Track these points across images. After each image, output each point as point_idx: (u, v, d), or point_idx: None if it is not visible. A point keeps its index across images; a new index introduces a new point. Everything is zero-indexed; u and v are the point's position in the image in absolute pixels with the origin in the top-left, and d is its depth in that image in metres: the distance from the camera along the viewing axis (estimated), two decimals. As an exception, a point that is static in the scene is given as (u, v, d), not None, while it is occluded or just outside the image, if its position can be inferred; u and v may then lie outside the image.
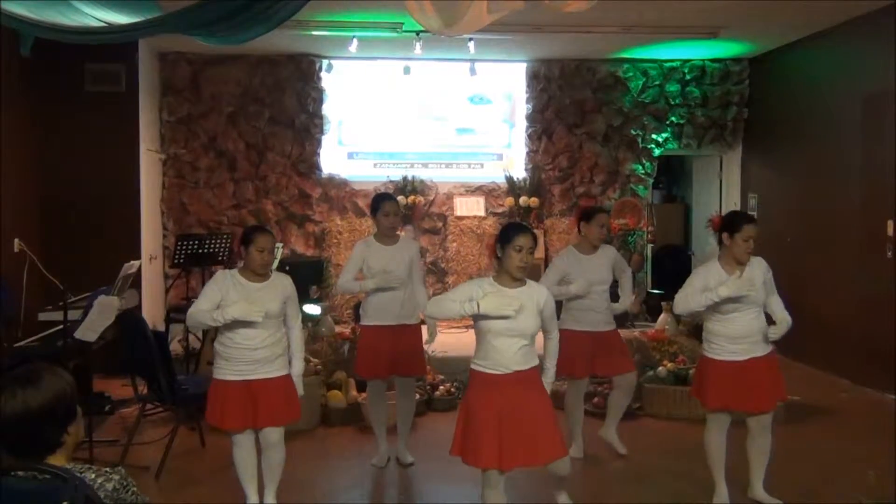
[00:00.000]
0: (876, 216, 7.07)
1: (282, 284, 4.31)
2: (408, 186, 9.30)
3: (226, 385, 4.20)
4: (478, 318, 3.65)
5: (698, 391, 4.58)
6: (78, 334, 4.81)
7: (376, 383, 5.26)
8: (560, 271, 5.12)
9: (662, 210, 10.72)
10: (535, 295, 3.71)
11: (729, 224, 4.35)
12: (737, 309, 4.27)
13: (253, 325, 4.10)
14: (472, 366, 3.75)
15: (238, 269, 4.25)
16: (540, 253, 9.32)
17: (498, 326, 3.61)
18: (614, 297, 5.44)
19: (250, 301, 4.07)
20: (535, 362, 3.75)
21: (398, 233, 5.22)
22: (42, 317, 5.75)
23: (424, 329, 5.21)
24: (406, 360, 5.09)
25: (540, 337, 3.81)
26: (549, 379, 3.88)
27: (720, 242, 4.43)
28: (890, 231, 6.89)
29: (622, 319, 8.37)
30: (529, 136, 9.64)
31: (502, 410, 3.61)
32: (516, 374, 3.65)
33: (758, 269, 4.36)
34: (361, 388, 6.39)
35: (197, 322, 4.20)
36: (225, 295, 4.13)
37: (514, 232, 3.70)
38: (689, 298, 4.31)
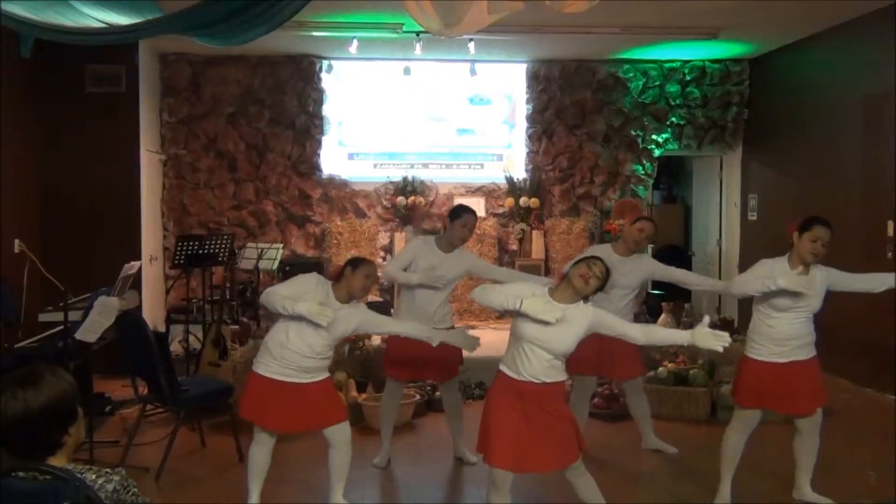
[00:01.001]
0: (876, 217, 7.07)
1: (358, 313, 4.29)
2: (408, 187, 9.30)
3: (267, 382, 4.18)
4: (518, 316, 3.65)
5: (735, 389, 4.56)
6: (78, 335, 4.81)
7: (397, 385, 5.24)
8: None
9: (662, 210, 10.72)
10: (583, 315, 3.68)
11: (802, 224, 4.38)
12: (790, 308, 4.26)
13: (318, 332, 4.10)
14: (500, 366, 3.77)
15: (332, 285, 4.25)
16: (540, 254, 9.34)
17: (532, 333, 3.60)
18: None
19: (331, 306, 4.09)
20: (561, 378, 3.74)
21: (461, 248, 5.15)
22: (42, 318, 5.75)
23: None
24: (438, 364, 4.99)
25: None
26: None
27: (791, 245, 4.43)
28: (890, 231, 6.89)
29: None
30: (529, 137, 9.64)
31: (523, 414, 3.64)
32: (542, 385, 3.66)
33: (821, 275, 4.33)
34: (361, 388, 6.39)
35: (269, 303, 4.14)
36: (307, 294, 4.13)
37: (588, 260, 3.72)
38: (746, 282, 4.32)
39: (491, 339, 4.37)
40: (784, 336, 4.30)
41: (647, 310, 9.15)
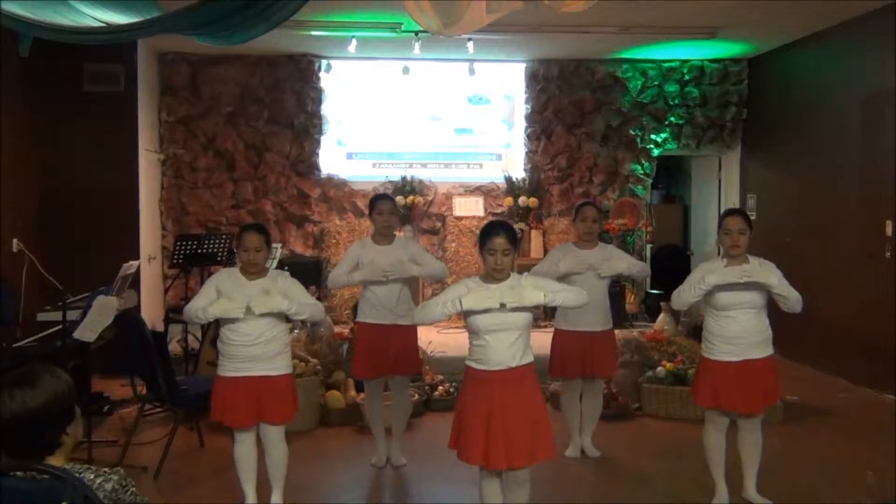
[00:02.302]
0: (875, 216, 7.07)
1: (276, 282, 4.32)
2: (407, 187, 9.30)
3: (226, 381, 4.26)
4: (466, 316, 3.68)
5: (693, 389, 4.62)
6: (77, 334, 4.81)
7: (373, 383, 5.27)
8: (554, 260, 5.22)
9: (661, 210, 10.73)
10: (520, 285, 3.70)
11: (718, 222, 4.42)
12: (733, 306, 4.26)
13: (245, 321, 4.16)
14: (466, 362, 3.79)
15: (239, 267, 4.33)
16: (539, 253, 9.33)
17: (486, 322, 3.62)
18: (612, 297, 5.44)
19: (242, 294, 4.17)
20: (530, 359, 3.75)
21: (396, 233, 5.21)
22: (41, 317, 5.75)
23: (420, 329, 5.22)
24: (401, 359, 5.09)
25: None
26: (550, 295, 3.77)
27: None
28: (889, 231, 6.89)
29: (621, 319, 8.41)
30: (528, 137, 9.64)
31: (491, 410, 3.63)
32: (509, 371, 3.65)
33: (762, 269, 4.26)
34: (360, 388, 6.38)
35: (188, 317, 4.32)
36: (220, 288, 4.25)
37: (487, 235, 3.69)
38: (682, 292, 4.34)
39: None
40: (734, 334, 4.29)
41: (646, 309, 9.16)
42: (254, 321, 4.18)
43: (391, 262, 4.96)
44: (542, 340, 5.10)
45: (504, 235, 3.65)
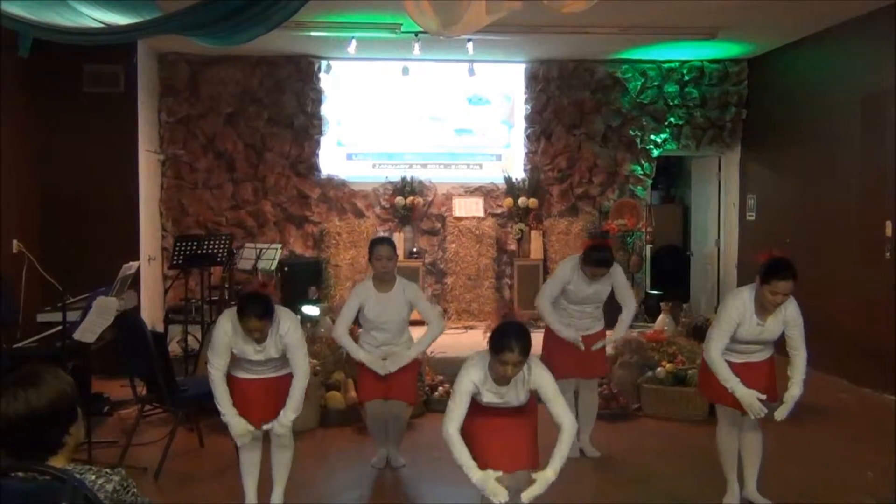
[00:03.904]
0: (874, 216, 7.07)
1: (286, 336, 4.28)
2: (406, 187, 9.30)
3: (239, 382, 4.31)
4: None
5: (700, 387, 4.69)
6: (77, 335, 4.81)
7: (373, 404, 5.23)
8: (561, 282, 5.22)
9: (661, 211, 10.73)
10: (524, 388, 3.71)
11: (764, 271, 4.18)
12: (747, 345, 4.33)
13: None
14: None
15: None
16: (538, 254, 9.34)
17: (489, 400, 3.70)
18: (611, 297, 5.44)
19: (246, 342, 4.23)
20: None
21: (400, 281, 5.16)
22: (41, 318, 5.75)
23: (415, 330, 5.21)
24: (398, 387, 5.05)
25: None
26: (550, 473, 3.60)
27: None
28: (888, 231, 6.89)
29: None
30: (528, 137, 9.64)
31: (483, 418, 3.71)
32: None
33: (783, 311, 4.24)
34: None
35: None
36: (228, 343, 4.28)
37: (500, 346, 3.49)
38: (714, 353, 4.24)
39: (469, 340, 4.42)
40: (742, 351, 4.36)
41: (646, 310, 9.16)
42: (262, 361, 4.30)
43: (396, 316, 5.00)
44: (535, 340, 5.09)
45: (518, 350, 3.49)
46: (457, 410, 3.66)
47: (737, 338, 4.27)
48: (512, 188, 9.44)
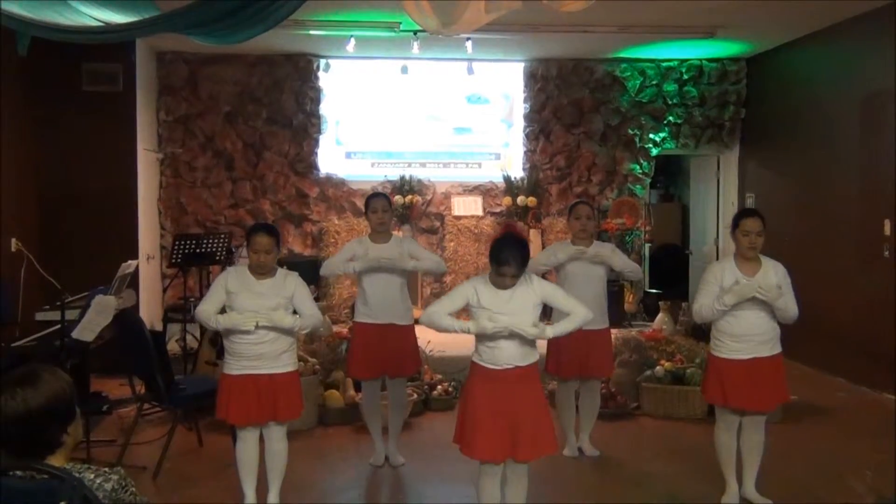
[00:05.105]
0: (873, 216, 7.08)
1: (285, 283, 4.32)
2: (405, 186, 9.29)
3: (232, 379, 4.27)
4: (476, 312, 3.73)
5: (703, 387, 4.65)
6: (75, 334, 4.80)
7: (371, 384, 5.27)
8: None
9: (660, 209, 10.74)
10: (531, 291, 3.78)
11: (733, 221, 4.42)
12: (742, 306, 4.27)
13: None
14: (473, 358, 3.83)
15: (247, 265, 4.34)
16: (537, 253, 9.33)
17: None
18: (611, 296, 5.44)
19: (251, 294, 4.20)
20: (535, 359, 3.80)
21: (393, 232, 5.22)
22: (39, 316, 5.74)
23: (418, 329, 5.21)
24: (397, 360, 5.09)
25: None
26: (549, 330, 3.85)
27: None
28: (887, 230, 6.90)
29: (620, 319, 8.42)
30: (527, 136, 9.64)
31: (498, 405, 3.69)
32: (515, 369, 3.72)
33: (773, 272, 4.32)
34: (359, 387, 6.38)
35: (200, 321, 4.41)
36: (229, 288, 4.25)
37: (497, 258, 3.73)
38: (703, 309, 4.34)
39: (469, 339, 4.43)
40: (743, 332, 4.31)
41: (644, 308, 9.16)
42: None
43: (393, 254, 4.99)
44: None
45: (514, 264, 3.71)
46: (445, 301, 3.83)
47: (732, 300, 4.23)
48: (511, 187, 9.43)
